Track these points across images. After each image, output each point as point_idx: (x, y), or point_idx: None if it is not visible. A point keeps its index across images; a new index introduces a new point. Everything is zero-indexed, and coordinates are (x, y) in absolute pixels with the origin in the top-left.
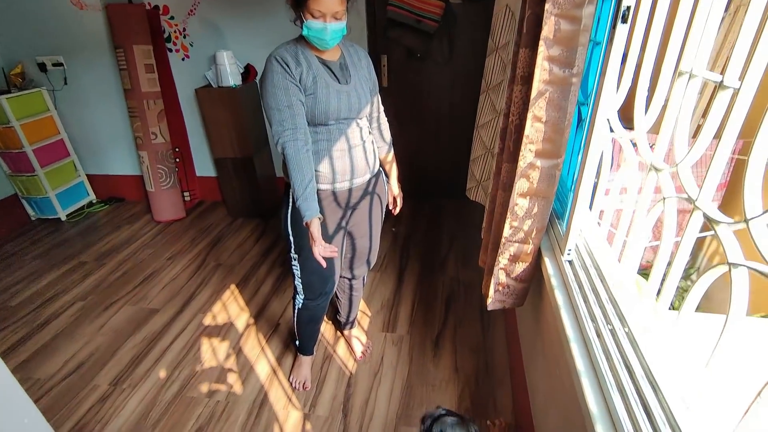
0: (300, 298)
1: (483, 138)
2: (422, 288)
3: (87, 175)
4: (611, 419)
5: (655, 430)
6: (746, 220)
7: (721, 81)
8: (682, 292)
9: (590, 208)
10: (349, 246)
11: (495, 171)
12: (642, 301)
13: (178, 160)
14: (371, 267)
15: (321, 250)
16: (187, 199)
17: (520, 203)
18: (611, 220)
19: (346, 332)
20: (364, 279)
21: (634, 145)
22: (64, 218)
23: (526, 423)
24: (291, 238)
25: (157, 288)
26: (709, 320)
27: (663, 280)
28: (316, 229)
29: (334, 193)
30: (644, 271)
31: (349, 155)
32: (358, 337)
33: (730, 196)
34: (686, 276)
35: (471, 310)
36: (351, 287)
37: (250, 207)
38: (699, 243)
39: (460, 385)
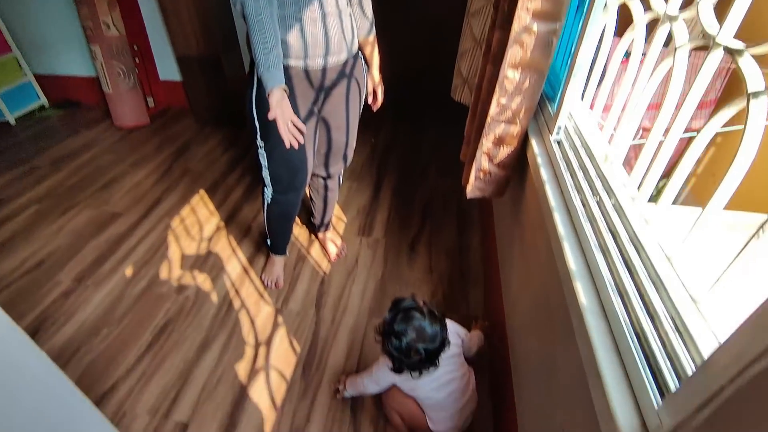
0: (269, 192)
1: (473, 27)
2: (400, 196)
3: (36, 75)
4: (591, 275)
5: (636, 284)
6: None
7: None
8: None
9: (584, 91)
10: (324, 139)
11: (484, 49)
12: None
13: (137, 59)
14: (348, 164)
15: (286, 127)
16: (151, 105)
17: (510, 76)
18: (605, 101)
19: (320, 235)
20: (339, 179)
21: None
22: (13, 122)
23: (498, 319)
24: (257, 123)
25: (120, 193)
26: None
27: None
28: (278, 101)
29: (306, 71)
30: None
31: (322, 24)
32: (332, 239)
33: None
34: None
35: (448, 216)
36: (326, 187)
37: (219, 113)
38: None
39: (434, 285)
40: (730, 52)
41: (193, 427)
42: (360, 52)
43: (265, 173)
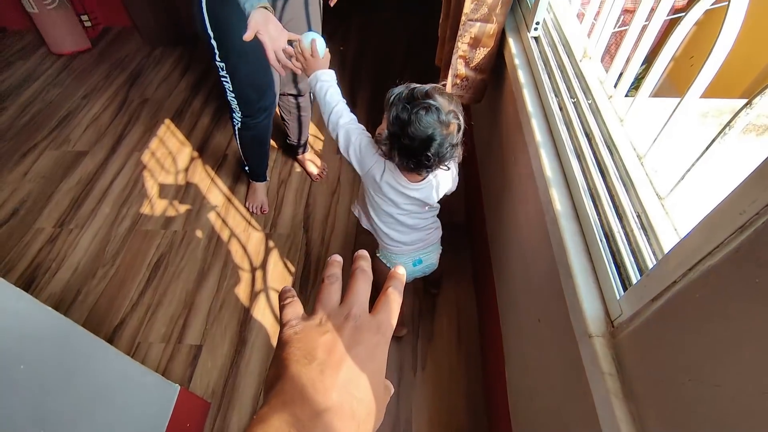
0: (237, 117)
1: None
2: (376, 108)
3: None
4: (566, 181)
5: (608, 185)
6: None
7: None
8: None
9: None
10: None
11: None
12: (608, 74)
13: None
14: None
15: (275, 55)
16: (88, 24)
17: None
18: None
19: (299, 156)
20: (311, 96)
21: None
22: None
23: (479, 224)
24: (213, 42)
25: (79, 129)
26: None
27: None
28: (263, 25)
29: None
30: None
31: None
32: (312, 160)
33: None
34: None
35: None
36: (298, 106)
37: (169, 33)
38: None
39: None
40: None
41: (206, 348)
42: None
43: (231, 97)
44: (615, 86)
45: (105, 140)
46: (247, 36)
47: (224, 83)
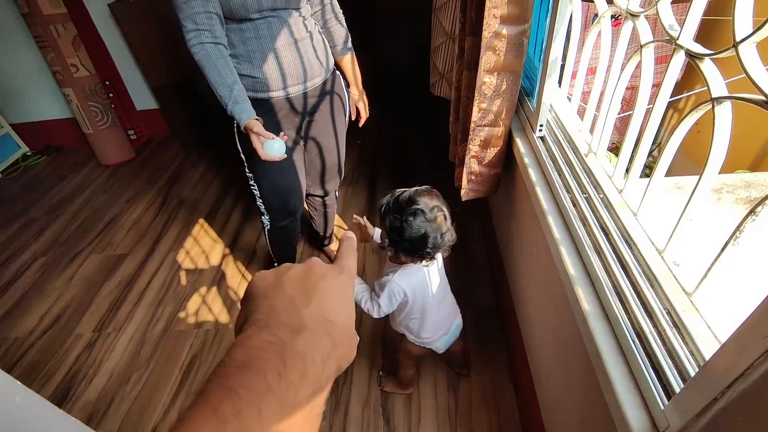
0: (266, 220)
1: (442, 22)
2: None
3: (12, 125)
4: (590, 278)
5: (632, 282)
6: (735, 45)
7: None
8: (651, 163)
9: (560, 79)
10: (317, 161)
11: (458, 52)
12: (615, 169)
13: (111, 95)
14: (342, 177)
15: (263, 151)
16: (134, 137)
17: (487, 81)
18: (581, 92)
19: (326, 248)
20: (336, 193)
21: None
22: None
23: (508, 305)
24: (242, 156)
25: (122, 232)
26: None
27: (636, 143)
28: (260, 130)
29: (288, 99)
30: (614, 153)
31: (296, 51)
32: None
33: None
34: (650, 153)
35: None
36: (324, 204)
37: (203, 136)
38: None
39: None
40: (692, 57)
41: None
42: (337, 67)
43: (260, 202)
44: (624, 176)
45: (144, 241)
46: (258, 147)
47: (253, 191)
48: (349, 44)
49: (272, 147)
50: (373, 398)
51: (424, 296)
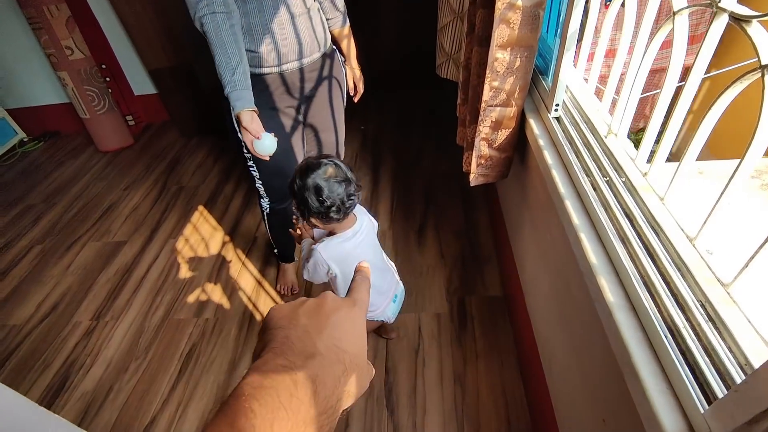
0: (265, 203)
1: (449, 0)
2: (399, 183)
3: (8, 110)
4: (613, 267)
5: (660, 271)
6: None
7: None
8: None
9: (575, 60)
10: (314, 142)
11: (468, 28)
12: (639, 150)
13: (108, 79)
14: (342, 158)
15: (253, 145)
16: (132, 123)
17: (500, 57)
18: (598, 75)
19: None
20: None
21: None
22: None
23: (516, 294)
24: (240, 136)
25: (119, 220)
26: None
27: (664, 124)
28: (248, 123)
29: (282, 76)
30: (635, 136)
31: (293, 27)
32: None
33: None
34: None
35: (451, 197)
36: None
37: (202, 123)
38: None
39: (448, 269)
40: (736, 20)
41: None
42: (334, 45)
43: (259, 184)
44: (648, 161)
45: (142, 229)
46: (246, 138)
47: (252, 172)
48: (347, 22)
49: (263, 145)
50: (377, 389)
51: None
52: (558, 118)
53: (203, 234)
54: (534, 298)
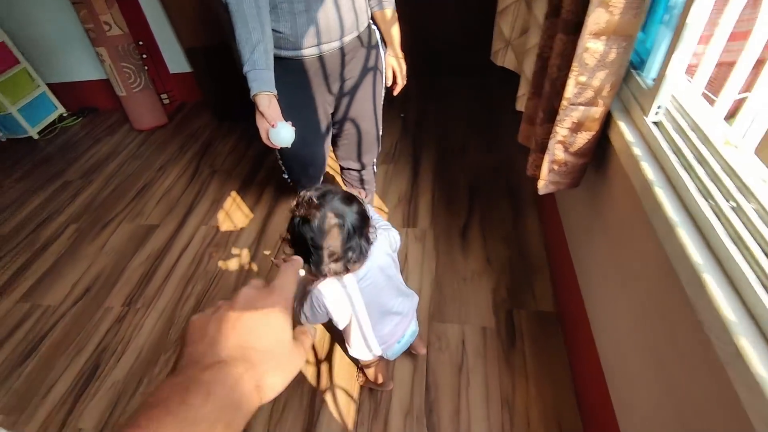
0: (286, 177)
1: None
2: (441, 176)
3: (48, 85)
4: (755, 322)
5: None
6: None
7: None
8: None
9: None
10: (353, 132)
11: (549, 9)
12: None
13: (144, 56)
14: (380, 148)
15: (267, 135)
16: (166, 101)
17: (591, 47)
18: (714, 65)
19: None
20: (374, 167)
21: None
22: (36, 136)
23: (576, 314)
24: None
25: (153, 202)
26: None
27: None
28: (265, 108)
29: (321, 58)
30: None
31: (334, 5)
32: None
33: None
34: None
35: (498, 196)
36: (361, 180)
37: (236, 107)
38: None
39: (495, 276)
40: None
41: None
42: (376, 26)
43: (280, 162)
44: None
45: (175, 212)
46: (260, 125)
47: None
48: (392, 2)
49: (278, 135)
50: (416, 407)
51: (357, 316)
52: (658, 123)
53: (235, 221)
54: (604, 326)
